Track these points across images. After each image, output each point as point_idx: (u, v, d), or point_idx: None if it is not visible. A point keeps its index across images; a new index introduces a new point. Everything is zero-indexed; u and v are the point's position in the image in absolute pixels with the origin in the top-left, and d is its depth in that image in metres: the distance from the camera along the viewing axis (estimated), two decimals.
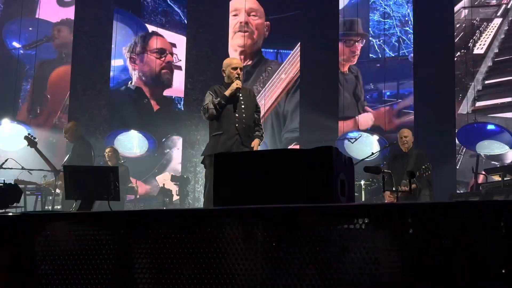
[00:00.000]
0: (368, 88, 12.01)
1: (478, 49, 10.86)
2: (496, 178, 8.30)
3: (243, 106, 5.84)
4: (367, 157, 8.41)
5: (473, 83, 10.75)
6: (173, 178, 10.64)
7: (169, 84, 12.42)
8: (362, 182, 9.23)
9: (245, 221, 2.80)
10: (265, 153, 4.13)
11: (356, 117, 11.88)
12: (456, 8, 11.23)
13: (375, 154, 9.04)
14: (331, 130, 11.40)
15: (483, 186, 8.16)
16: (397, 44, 11.87)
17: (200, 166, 11.63)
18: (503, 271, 2.65)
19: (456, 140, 10.48)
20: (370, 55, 12.16)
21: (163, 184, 10.84)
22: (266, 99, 12.24)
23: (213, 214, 2.98)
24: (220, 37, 12.38)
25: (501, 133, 9.73)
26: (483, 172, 8.71)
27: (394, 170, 7.35)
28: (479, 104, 10.75)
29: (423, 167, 7.07)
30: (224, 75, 5.94)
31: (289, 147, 11.66)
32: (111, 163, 8.99)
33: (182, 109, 12.40)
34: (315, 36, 11.85)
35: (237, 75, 5.80)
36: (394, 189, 6.97)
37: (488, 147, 9.66)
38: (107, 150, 9.41)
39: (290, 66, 12.32)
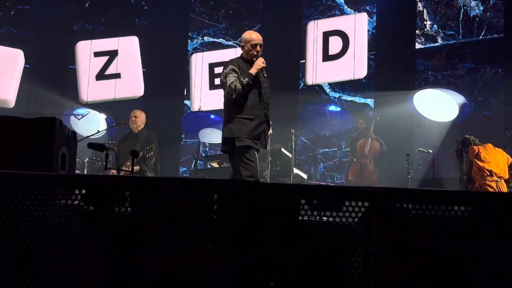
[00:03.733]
0: None
1: None
2: (215, 164, 8.95)
3: (267, 90, 5.48)
4: (92, 135, 8.34)
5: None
6: None
7: None
8: (86, 160, 9.12)
9: None
10: None
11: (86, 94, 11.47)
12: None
13: (101, 132, 9.01)
14: (58, 105, 10.94)
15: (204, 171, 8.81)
16: None
17: None
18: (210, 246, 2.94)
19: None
20: None
21: None
22: None
23: None
24: None
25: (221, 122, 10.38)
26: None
27: (123, 150, 7.45)
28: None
29: (147, 148, 7.27)
30: (243, 50, 5.47)
31: None
32: None
33: None
34: None
35: (256, 53, 5.38)
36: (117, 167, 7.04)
37: (210, 135, 10.21)
38: None
39: None
